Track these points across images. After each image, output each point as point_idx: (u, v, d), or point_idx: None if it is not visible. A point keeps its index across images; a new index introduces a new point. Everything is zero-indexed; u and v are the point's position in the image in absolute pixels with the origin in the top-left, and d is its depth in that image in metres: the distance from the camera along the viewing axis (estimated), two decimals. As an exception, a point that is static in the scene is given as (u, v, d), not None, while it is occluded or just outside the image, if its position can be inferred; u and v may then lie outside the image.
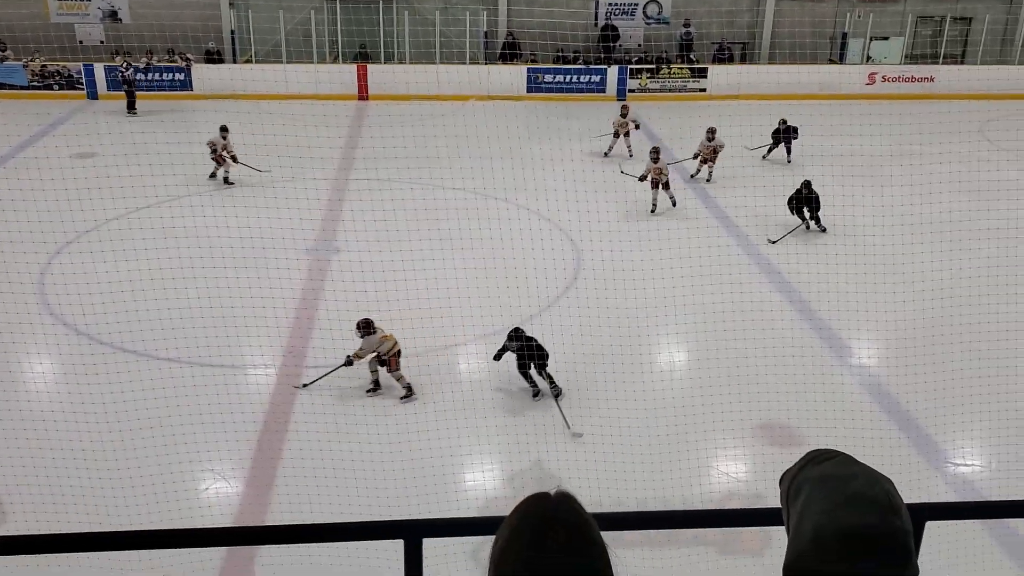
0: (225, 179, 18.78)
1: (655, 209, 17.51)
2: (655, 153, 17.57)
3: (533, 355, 10.85)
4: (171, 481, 9.15)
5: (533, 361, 10.86)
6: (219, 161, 18.65)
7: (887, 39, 29.57)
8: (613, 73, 27.49)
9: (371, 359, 10.95)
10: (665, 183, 17.47)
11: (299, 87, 24.08)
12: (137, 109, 24.51)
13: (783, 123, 20.44)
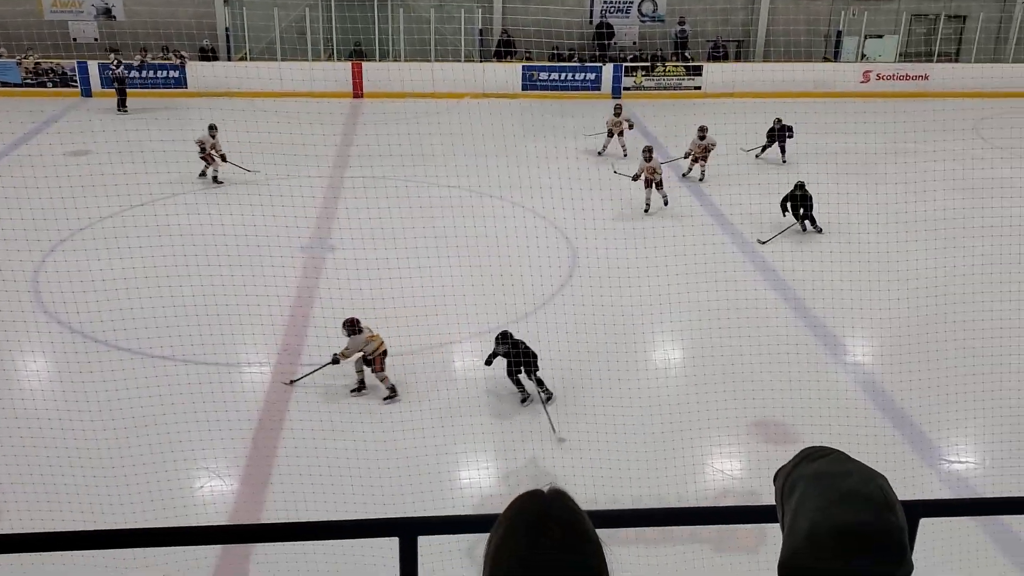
0: (214, 178, 18.69)
1: (649, 209, 17.48)
2: (648, 152, 17.52)
3: (521, 359, 10.72)
4: (166, 479, 9.15)
5: (523, 365, 10.73)
6: (208, 160, 18.59)
7: (881, 37, 29.60)
8: (608, 71, 27.48)
9: (357, 359, 10.95)
10: (658, 182, 17.42)
11: (294, 85, 24.02)
12: (128, 107, 24.42)
13: (778, 122, 20.36)
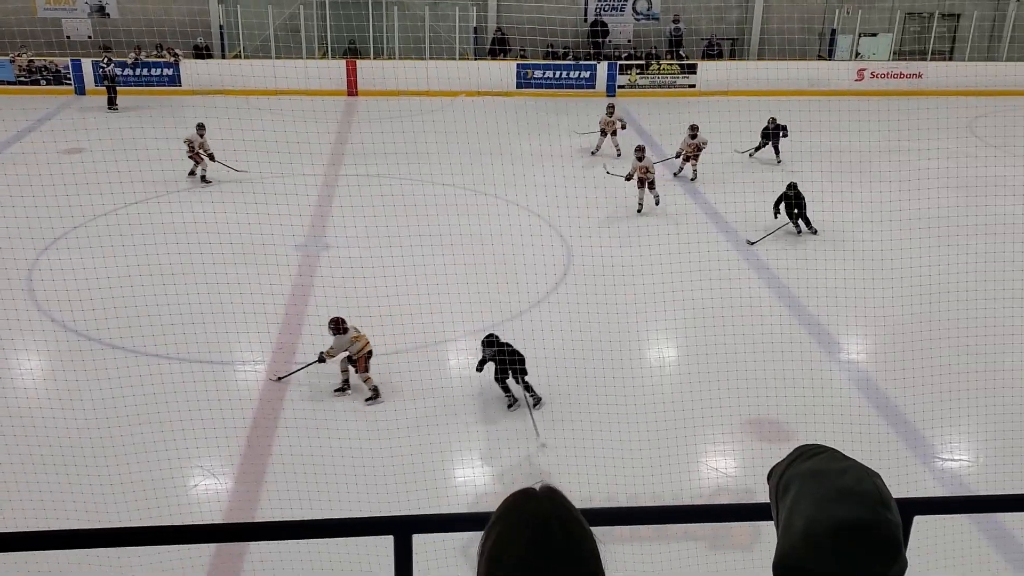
0: (202, 177, 18.56)
1: (642, 209, 17.36)
2: (640, 152, 17.39)
3: (508, 362, 10.53)
4: (160, 477, 9.14)
5: (511, 369, 10.55)
6: (196, 159, 18.49)
7: (876, 35, 29.66)
8: (603, 69, 27.50)
9: (342, 358, 10.95)
10: (651, 182, 17.29)
11: (288, 83, 24.02)
12: (118, 105, 24.31)
13: (772, 122, 20.30)
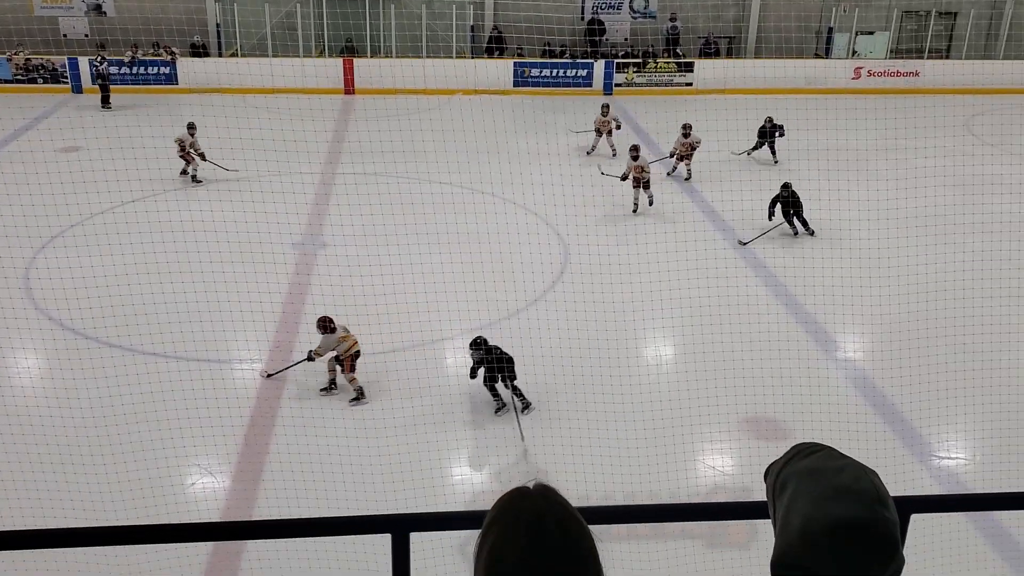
0: (193, 177, 18.47)
1: (637, 209, 17.25)
2: (635, 151, 17.24)
3: (497, 366, 10.40)
4: (157, 476, 9.14)
5: (501, 373, 10.44)
6: (186, 159, 18.41)
7: (872, 34, 29.67)
8: (600, 67, 27.49)
9: (330, 358, 10.94)
10: (646, 182, 17.13)
11: (285, 81, 23.98)
12: (112, 104, 24.24)
13: (769, 121, 20.20)
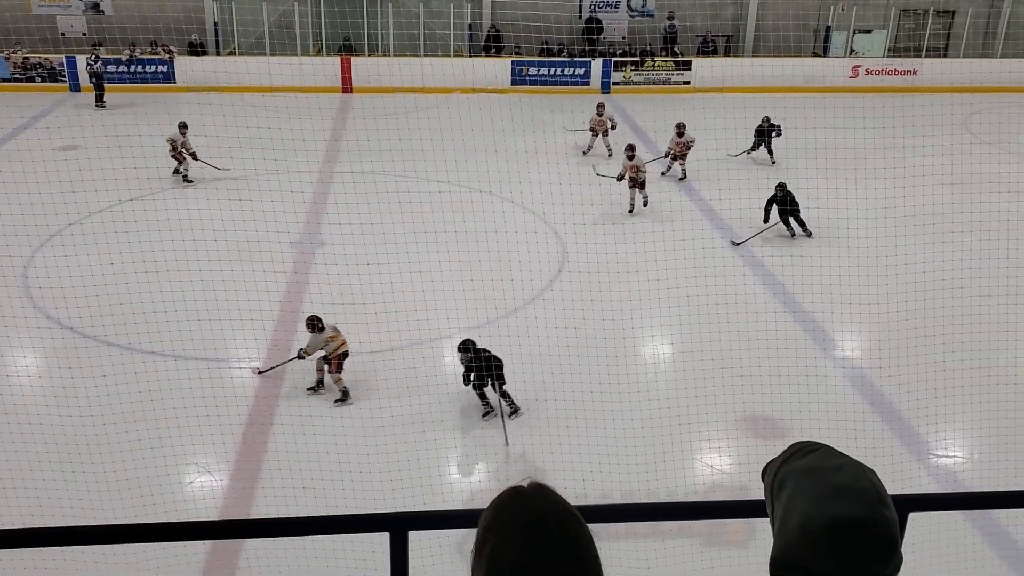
0: (184, 177, 18.40)
1: (633, 210, 17.13)
2: (630, 151, 17.08)
3: (485, 369, 10.29)
4: (155, 475, 9.13)
5: (490, 377, 10.31)
6: (178, 159, 18.35)
7: (870, 32, 29.68)
8: (597, 66, 27.48)
9: (318, 357, 10.94)
10: (642, 182, 16.99)
11: (283, 80, 23.96)
12: (106, 102, 24.16)
13: (766, 121, 20.13)
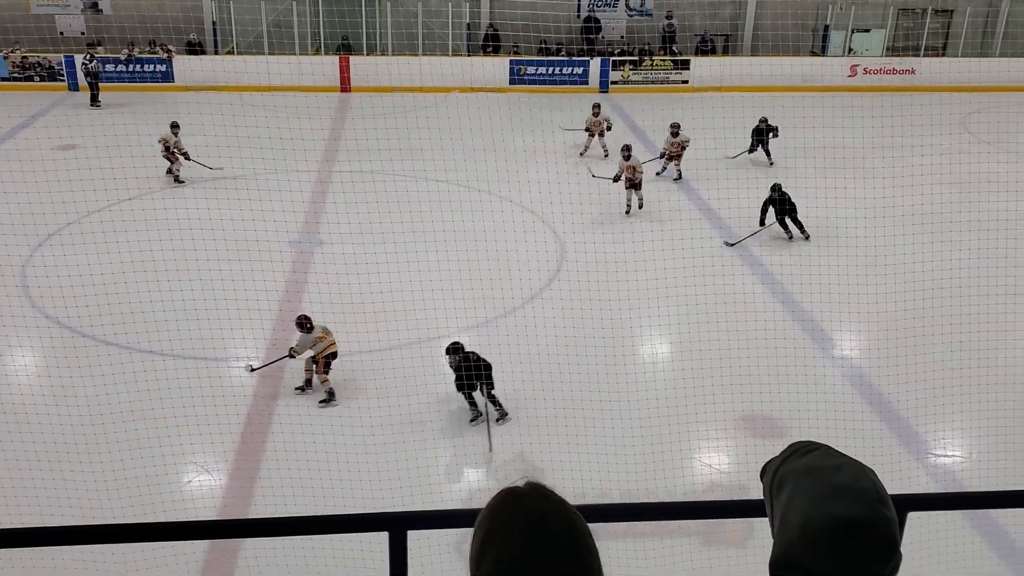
0: (176, 177, 18.33)
1: (630, 211, 17.05)
2: (627, 151, 16.96)
3: (475, 374, 10.19)
4: (154, 474, 9.13)
5: (479, 381, 10.21)
6: (170, 159, 18.29)
7: (869, 31, 29.70)
8: (595, 65, 27.48)
9: (308, 357, 10.93)
10: (638, 183, 16.86)
11: (281, 79, 23.94)
12: (101, 102, 24.14)
13: (763, 121, 20.10)
